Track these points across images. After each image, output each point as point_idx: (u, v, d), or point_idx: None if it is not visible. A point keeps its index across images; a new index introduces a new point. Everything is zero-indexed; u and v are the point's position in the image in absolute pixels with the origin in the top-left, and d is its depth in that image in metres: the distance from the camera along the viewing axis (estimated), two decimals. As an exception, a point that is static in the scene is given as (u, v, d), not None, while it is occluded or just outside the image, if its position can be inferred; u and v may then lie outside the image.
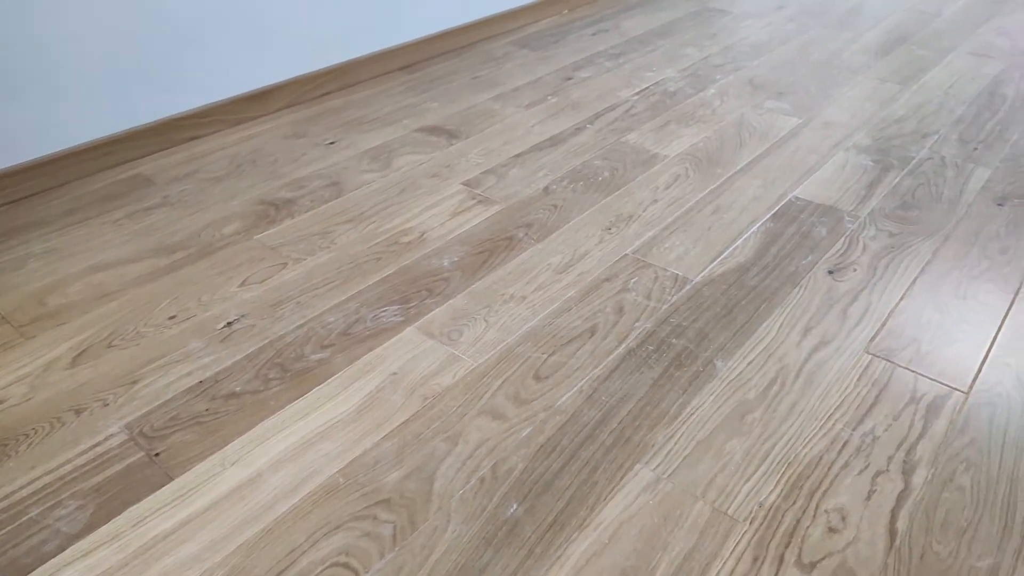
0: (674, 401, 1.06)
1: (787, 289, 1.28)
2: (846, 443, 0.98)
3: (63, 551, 0.87)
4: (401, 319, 1.22)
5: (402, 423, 1.03)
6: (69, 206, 1.56)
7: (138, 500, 0.93)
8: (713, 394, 1.07)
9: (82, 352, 1.16)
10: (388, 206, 1.54)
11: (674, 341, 1.17)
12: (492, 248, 1.40)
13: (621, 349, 1.15)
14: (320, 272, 1.34)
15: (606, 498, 0.92)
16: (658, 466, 0.96)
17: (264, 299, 1.27)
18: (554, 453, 0.98)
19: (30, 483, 0.95)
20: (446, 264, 1.35)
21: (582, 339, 1.17)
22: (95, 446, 1.00)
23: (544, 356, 1.14)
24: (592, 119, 1.91)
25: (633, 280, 1.31)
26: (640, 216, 1.49)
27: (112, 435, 1.02)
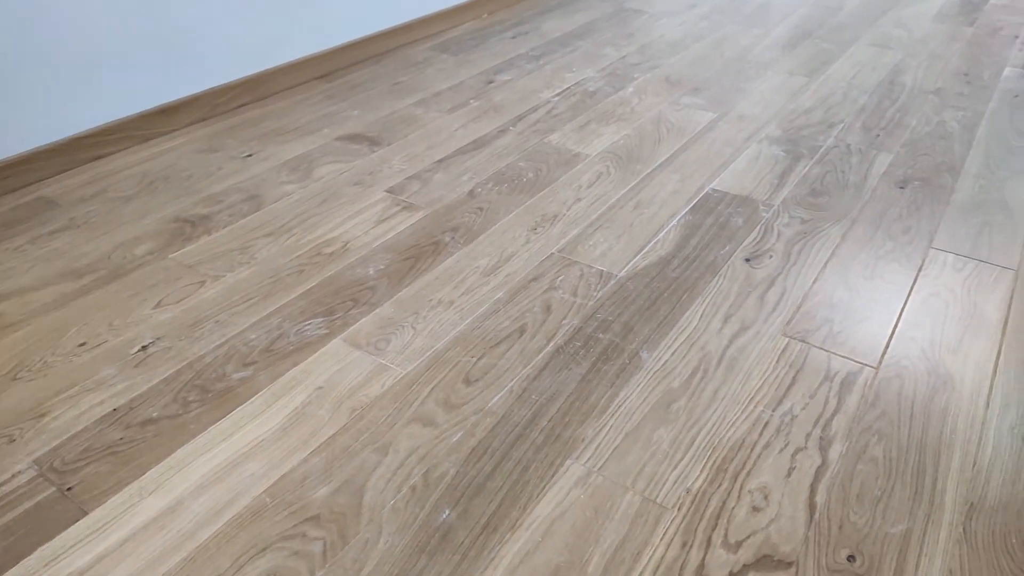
0: (603, 395, 1.07)
1: (707, 279, 1.31)
2: (767, 424, 1.02)
3: (-33, 600, 0.82)
4: (326, 331, 1.20)
5: (330, 437, 1.01)
6: (-34, 234, 1.47)
7: (50, 538, 0.88)
8: (640, 385, 1.08)
9: (-17, 387, 1.10)
10: (309, 217, 1.51)
11: (601, 336, 1.18)
12: (418, 254, 1.39)
13: (550, 347, 1.16)
14: (240, 288, 1.30)
15: (538, 496, 0.92)
16: (588, 460, 0.97)
17: (181, 320, 1.23)
18: (485, 455, 0.98)
19: (-72, 531, 0.89)
20: (371, 273, 1.34)
21: (511, 340, 1.18)
22: (1, 485, 0.95)
23: (474, 359, 1.14)
24: (514, 121, 1.92)
25: (560, 278, 1.32)
26: (565, 215, 1.51)
27: (20, 472, 0.96)
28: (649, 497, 0.92)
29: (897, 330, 1.18)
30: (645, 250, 1.39)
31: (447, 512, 0.90)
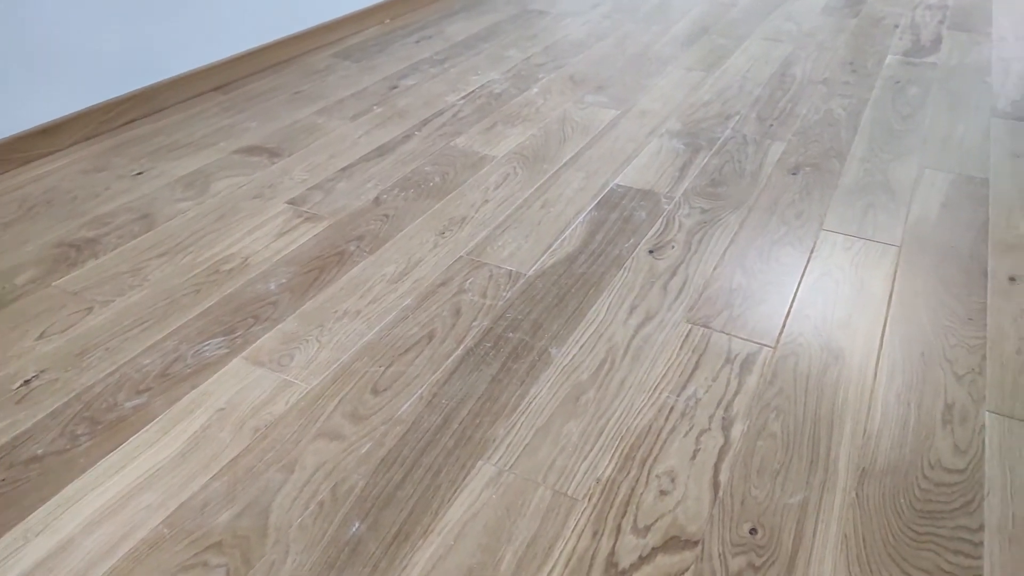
0: (513, 393, 1.07)
1: (613, 272, 1.33)
2: (672, 409, 1.04)
3: None
4: (226, 351, 1.15)
5: (232, 459, 0.97)
6: None
7: (-80, 596, 0.81)
8: (549, 381, 1.09)
9: None
10: (206, 234, 1.45)
11: (511, 335, 1.18)
12: (322, 266, 1.36)
13: (460, 350, 1.15)
14: (131, 313, 1.24)
15: (450, 500, 0.91)
16: (499, 459, 0.96)
17: (67, 350, 1.16)
18: (395, 465, 0.96)
19: None
20: (273, 288, 1.30)
21: (420, 346, 1.16)
22: None
23: (382, 369, 1.12)
24: (420, 126, 1.91)
25: (469, 281, 1.31)
26: (472, 218, 1.51)
27: None
28: (560, 490, 0.92)
29: (792, 310, 1.23)
30: (553, 248, 1.40)
31: (357, 525, 0.88)
